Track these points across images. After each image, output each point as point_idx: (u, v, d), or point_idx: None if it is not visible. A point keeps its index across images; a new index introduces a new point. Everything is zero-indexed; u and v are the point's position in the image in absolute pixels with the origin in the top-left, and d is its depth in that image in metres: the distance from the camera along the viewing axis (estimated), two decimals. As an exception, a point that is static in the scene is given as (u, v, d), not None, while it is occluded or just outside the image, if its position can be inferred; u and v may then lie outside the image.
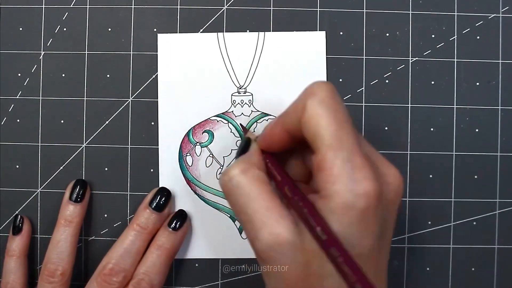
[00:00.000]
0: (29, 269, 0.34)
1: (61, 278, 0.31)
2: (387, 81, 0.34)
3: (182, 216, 0.33)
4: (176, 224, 0.33)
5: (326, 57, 0.34)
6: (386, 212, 0.24)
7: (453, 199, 0.34)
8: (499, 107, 0.34)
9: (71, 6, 0.35)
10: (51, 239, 0.32)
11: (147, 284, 0.31)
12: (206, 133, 0.34)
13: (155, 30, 0.34)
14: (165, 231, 0.32)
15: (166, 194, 0.33)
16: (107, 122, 0.34)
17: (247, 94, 0.34)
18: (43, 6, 0.35)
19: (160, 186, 0.34)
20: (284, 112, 0.25)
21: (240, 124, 0.34)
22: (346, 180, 0.22)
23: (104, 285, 0.31)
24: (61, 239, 0.32)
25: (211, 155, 0.34)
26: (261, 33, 0.34)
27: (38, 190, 0.35)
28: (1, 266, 0.34)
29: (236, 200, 0.25)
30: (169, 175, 0.34)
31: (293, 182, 0.25)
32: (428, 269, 0.34)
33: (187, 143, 0.34)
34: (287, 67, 0.34)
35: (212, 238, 0.34)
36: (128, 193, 0.34)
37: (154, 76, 0.34)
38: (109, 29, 0.34)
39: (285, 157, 0.27)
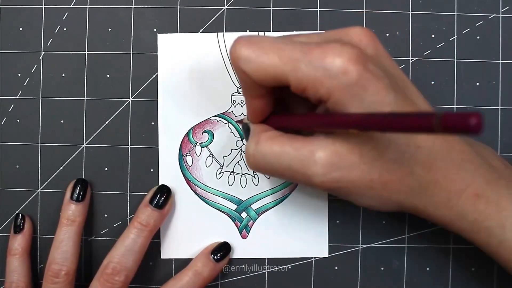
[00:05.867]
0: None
1: (66, 278, 0.31)
2: (387, 81, 0.34)
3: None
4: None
5: (326, 57, 0.34)
6: (380, 63, 0.24)
7: (453, 199, 0.34)
8: (499, 107, 0.34)
9: (71, 6, 0.35)
10: (54, 239, 0.32)
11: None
12: (206, 133, 0.34)
13: (155, 30, 0.34)
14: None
15: (166, 191, 0.33)
16: (107, 122, 0.34)
17: (247, 94, 0.34)
18: (43, 6, 0.35)
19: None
20: (242, 89, 0.27)
21: (237, 121, 0.34)
22: (322, 76, 0.22)
23: (106, 285, 0.30)
24: (64, 238, 0.32)
25: (211, 155, 0.34)
26: (261, 33, 0.34)
27: (38, 190, 0.35)
28: (1, 267, 0.34)
29: (272, 167, 0.25)
30: (169, 175, 0.34)
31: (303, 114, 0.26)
32: (428, 269, 0.34)
33: (187, 143, 0.34)
34: (287, 67, 0.34)
35: (212, 238, 0.34)
36: (128, 193, 0.34)
37: (154, 76, 0.34)
38: (109, 29, 0.34)
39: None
